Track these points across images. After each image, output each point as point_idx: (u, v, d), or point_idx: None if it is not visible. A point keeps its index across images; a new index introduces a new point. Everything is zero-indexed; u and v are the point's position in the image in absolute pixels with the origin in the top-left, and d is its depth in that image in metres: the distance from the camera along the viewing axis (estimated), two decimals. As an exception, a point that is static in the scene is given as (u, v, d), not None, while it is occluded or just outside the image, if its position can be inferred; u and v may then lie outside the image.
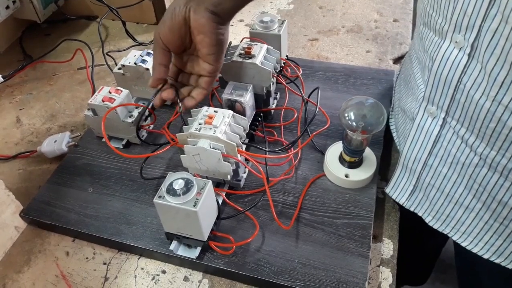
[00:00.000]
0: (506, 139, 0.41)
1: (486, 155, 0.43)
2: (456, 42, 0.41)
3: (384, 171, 0.63)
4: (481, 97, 0.41)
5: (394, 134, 0.62)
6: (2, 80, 0.78)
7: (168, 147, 0.58)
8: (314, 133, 0.64)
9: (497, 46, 0.37)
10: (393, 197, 0.57)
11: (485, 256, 0.49)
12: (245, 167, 0.58)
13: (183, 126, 0.56)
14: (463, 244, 0.50)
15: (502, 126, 0.40)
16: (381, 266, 0.54)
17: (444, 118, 0.46)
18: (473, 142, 0.44)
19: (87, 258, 0.56)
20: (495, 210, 0.46)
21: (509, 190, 0.44)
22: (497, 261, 0.49)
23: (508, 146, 0.41)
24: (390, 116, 0.65)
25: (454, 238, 0.51)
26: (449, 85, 0.44)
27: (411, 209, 0.55)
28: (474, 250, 0.50)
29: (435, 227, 0.53)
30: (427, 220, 0.54)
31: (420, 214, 0.55)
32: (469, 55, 0.41)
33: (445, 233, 0.52)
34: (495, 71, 0.38)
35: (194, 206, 0.46)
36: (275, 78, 0.65)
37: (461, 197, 0.49)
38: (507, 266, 0.48)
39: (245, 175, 0.60)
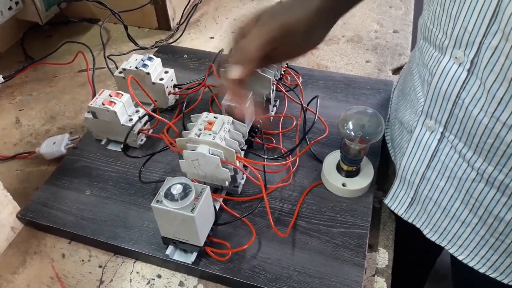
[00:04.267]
0: (503, 155, 0.41)
1: (483, 170, 0.44)
2: (456, 57, 0.41)
3: (381, 181, 0.64)
4: (479, 113, 0.41)
5: (388, 145, 0.62)
6: (3, 80, 0.78)
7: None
8: (312, 141, 0.64)
9: (497, 63, 0.37)
10: (392, 208, 0.57)
11: (481, 270, 0.49)
12: (243, 174, 0.59)
13: (183, 131, 0.56)
14: (460, 258, 0.50)
15: (500, 142, 0.40)
16: (376, 276, 0.54)
17: (442, 133, 0.47)
18: (470, 157, 0.44)
19: (82, 260, 0.56)
20: (491, 225, 0.46)
21: (506, 205, 0.44)
22: (492, 275, 0.49)
23: (506, 162, 0.41)
24: (385, 127, 0.65)
25: (451, 251, 0.51)
26: (447, 100, 0.44)
27: (409, 220, 0.55)
28: (470, 264, 0.50)
29: (433, 239, 0.53)
30: (424, 232, 0.54)
31: (418, 226, 0.55)
32: (468, 71, 0.41)
33: (442, 245, 0.52)
34: (494, 88, 0.38)
35: (191, 211, 0.46)
36: (274, 85, 0.65)
37: (458, 211, 0.49)
38: (502, 281, 0.48)
39: (243, 182, 0.60)
